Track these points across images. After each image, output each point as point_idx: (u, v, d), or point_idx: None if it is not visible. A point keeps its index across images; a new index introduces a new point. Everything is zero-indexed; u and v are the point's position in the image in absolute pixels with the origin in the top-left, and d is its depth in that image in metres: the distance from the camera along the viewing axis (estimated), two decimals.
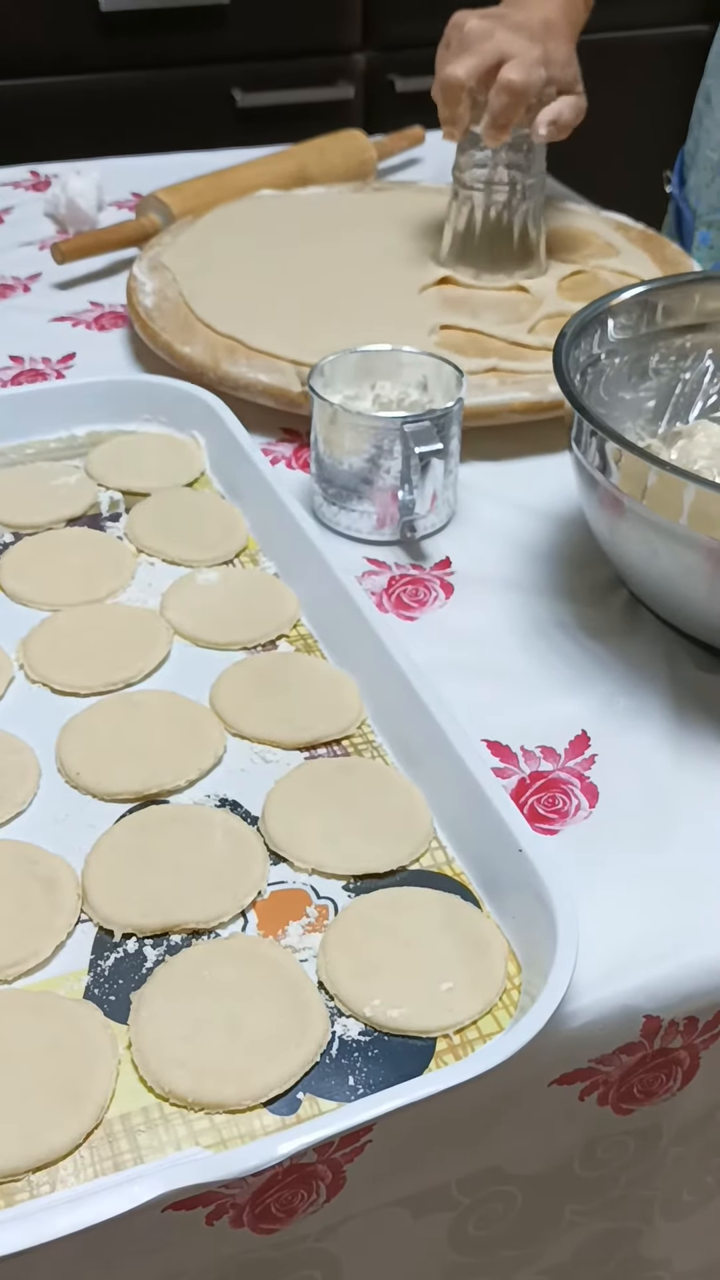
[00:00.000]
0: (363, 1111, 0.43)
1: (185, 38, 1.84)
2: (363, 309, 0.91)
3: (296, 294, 0.93)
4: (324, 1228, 0.50)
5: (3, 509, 0.75)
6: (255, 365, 0.84)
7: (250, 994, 0.48)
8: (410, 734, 0.59)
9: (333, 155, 1.18)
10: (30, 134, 1.75)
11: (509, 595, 0.71)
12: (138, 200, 1.14)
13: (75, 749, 0.59)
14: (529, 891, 0.50)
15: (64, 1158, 0.44)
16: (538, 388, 0.82)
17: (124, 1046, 0.47)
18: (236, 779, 0.59)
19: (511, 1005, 0.49)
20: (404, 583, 0.72)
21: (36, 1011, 0.48)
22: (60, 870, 0.53)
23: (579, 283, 0.98)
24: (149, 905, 0.52)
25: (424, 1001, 0.49)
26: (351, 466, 0.73)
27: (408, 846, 0.55)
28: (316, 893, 0.53)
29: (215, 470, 0.80)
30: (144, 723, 0.60)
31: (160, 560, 0.72)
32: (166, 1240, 0.46)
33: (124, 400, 0.83)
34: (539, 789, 0.59)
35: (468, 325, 0.90)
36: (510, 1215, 0.56)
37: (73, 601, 0.68)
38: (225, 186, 1.11)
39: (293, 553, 0.70)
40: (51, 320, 0.99)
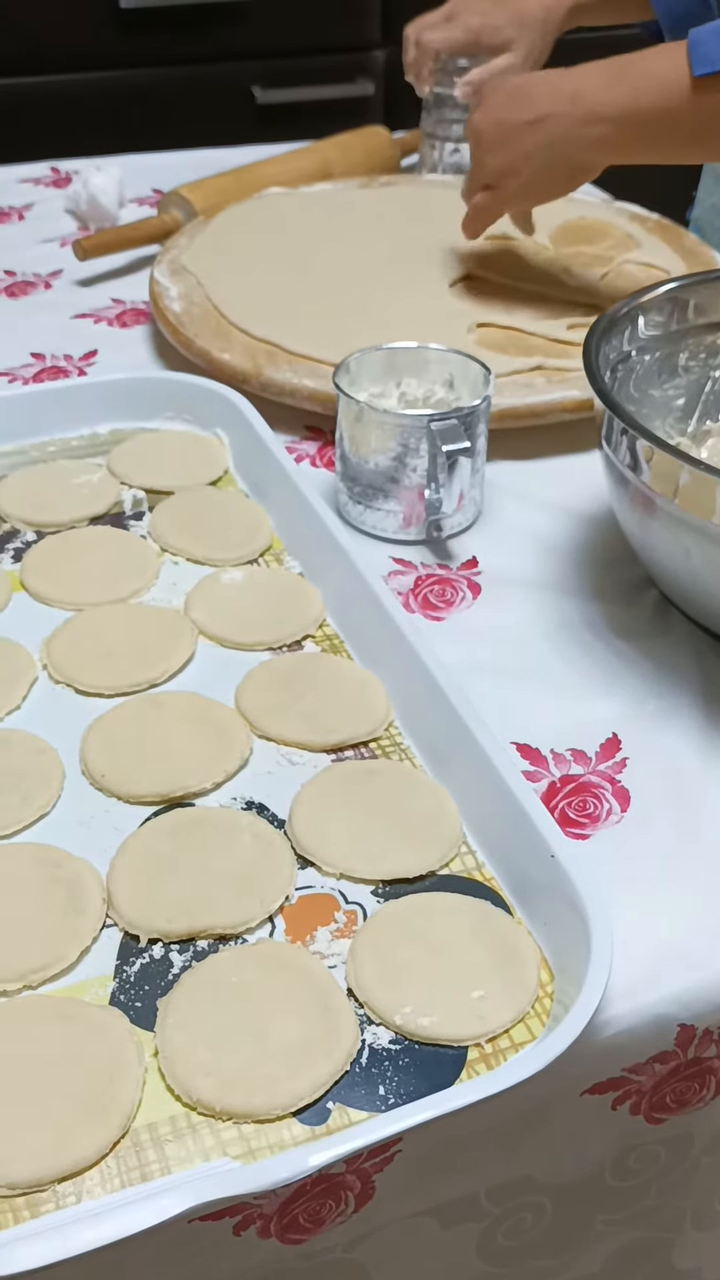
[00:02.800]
0: (395, 1123, 0.43)
1: (205, 34, 1.84)
2: (396, 308, 0.91)
3: (325, 294, 0.92)
4: (352, 1238, 0.50)
5: (25, 507, 0.74)
6: (299, 370, 0.83)
7: (278, 1001, 0.48)
8: (438, 736, 0.58)
9: (355, 152, 1.17)
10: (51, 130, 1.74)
11: (537, 595, 0.70)
12: (159, 197, 1.14)
13: (100, 751, 0.58)
14: (561, 898, 0.49)
15: (90, 1168, 0.43)
16: (585, 386, 0.80)
17: (150, 1054, 0.47)
18: (263, 781, 0.58)
19: (544, 1014, 0.49)
20: (431, 583, 0.71)
21: (62, 1018, 0.47)
22: (85, 874, 0.52)
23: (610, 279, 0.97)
24: (175, 910, 0.51)
25: (455, 1009, 0.48)
26: (377, 465, 0.72)
27: (437, 851, 0.54)
28: (345, 897, 0.53)
29: (239, 468, 0.79)
30: (169, 724, 0.60)
31: (184, 559, 0.71)
32: (193, 1250, 0.46)
33: (146, 398, 0.82)
34: (570, 793, 0.58)
35: (504, 323, 0.89)
36: (540, 1225, 0.55)
37: (96, 601, 0.67)
38: (248, 183, 1.10)
39: (318, 552, 0.69)
40: (73, 317, 0.98)
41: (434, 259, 0.98)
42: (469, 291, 0.94)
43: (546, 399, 0.81)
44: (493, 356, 0.84)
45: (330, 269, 0.96)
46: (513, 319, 0.90)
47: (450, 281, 0.95)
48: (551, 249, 1.01)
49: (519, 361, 0.84)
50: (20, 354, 0.92)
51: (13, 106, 1.80)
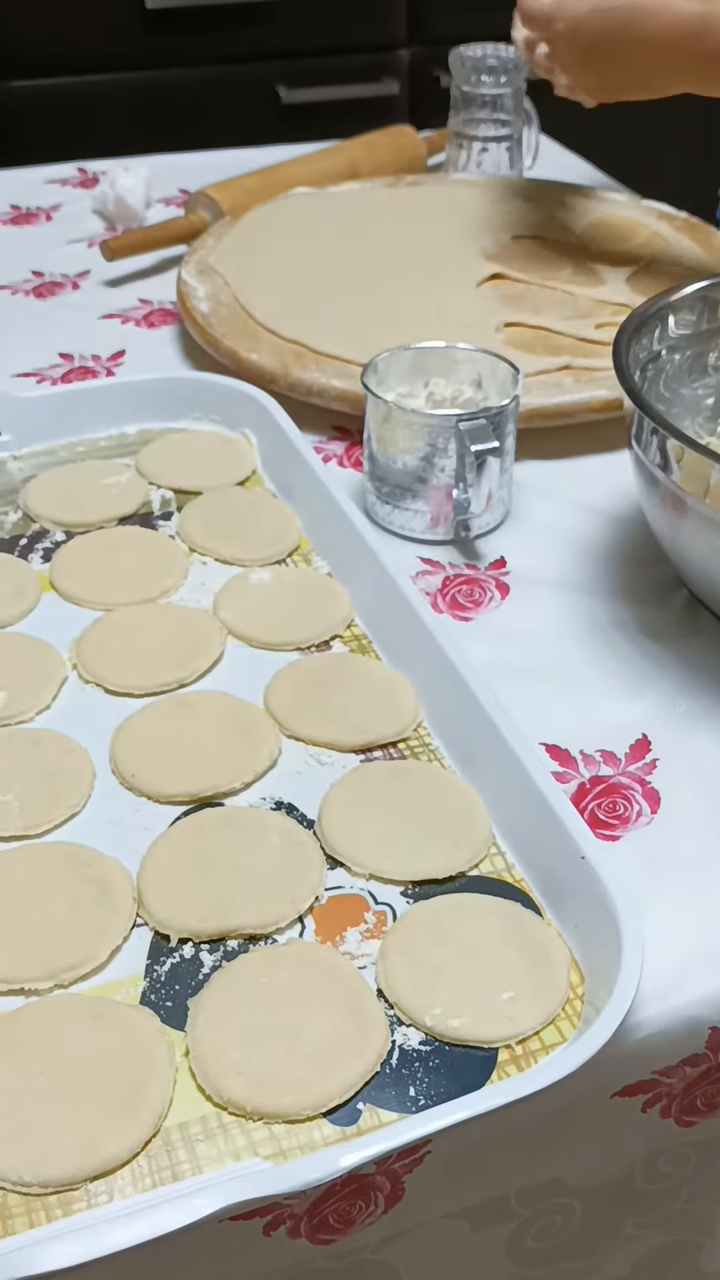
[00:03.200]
0: (426, 1124, 0.42)
1: (230, 34, 1.84)
2: (424, 308, 0.91)
3: (352, 294, 0.92)
4: (382, 1239, 0.50)
5: (54, 507, 0.74)
6: (326, 370, 0.83)
7: (309, 1001, 0.48)
8: (467, 737, 0.58)
9: (383, 152, 1.17)
10: (78, 131, 1.75)
11: (566, 596, 0.70)
12: (186, 197, 1.14)
13: (130, 750, 0.58)
14: (592, 900, 0.49)
15: (122, 1167, 0.43)
16: (614, 385, 0.80)
17: (181, 1054, 0.47)
18: (292, 781, 0.58)
19: (574, 1016, 0.48)
20: (459, 583, 0.71)
21: (93, 1017, 0.47)
22: (115, 873, 0.52)
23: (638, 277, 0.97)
24: (205, 910, 0.51)
25: (485, 1011, 0.48)
26: (405, 465, 0.72)
27: (467, 852, 0.54)
28: (374, 898, 0.53)
29: (267, 468, 0.79)
30: (198, 724, 0.60)
31: (213, 560, 0.71)
32: (223, 1250, 0.46)
33: (174, 398, 0.82)
34: (599, 794, 0.58)
35: (533, 323, 0.89)
36: (570, 1228, 0.55)
37: (125, 601, 0.68)
38: (275, 183, 1.10)
39: (346, 552, 0.69)
40: (101, 317, 0.99)
41: (461, 259, 0.98)
42: (496, 291, 0.94)
43: (575, 398, 0.80)
44: (521, 356, 0.84)
45: (358, 269, 0.96)
46: (540, 318, 0.90)
47: (478, 281, 0.95)
48: (580, 248, 1.01)
49: (547, 361, 0.84)
50: (48, 354, 0.93)
51: (40, 107, 1.81)
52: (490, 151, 1.14)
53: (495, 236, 1.02)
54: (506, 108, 1.12)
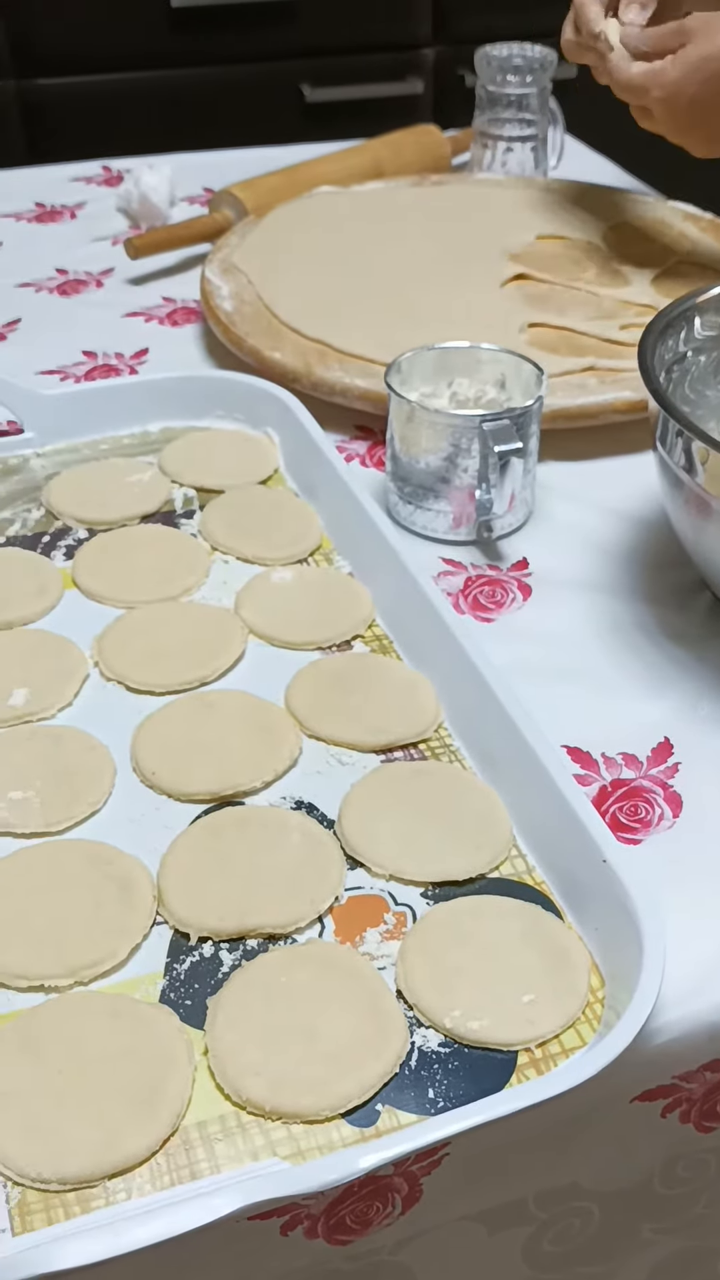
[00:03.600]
0: (445, 1126, 0.42)
1: (255, 33, 1.84)
2: (447, 307, 0.90)
3: (375, 293, 0.92)
4: (399, 1240, 0.49)
5: (77, 505, 0.74)
6: (350, 370, 0.83)
7: (328, 1002, 0.48)
8: (489, 738, 0.58)
9: (408, 151, 1.17)
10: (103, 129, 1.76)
11: (588, 597, 0.70)
12: (210, 195, 1.14)
13: (151, 748, 0.58)
14: (613, 903, 0.49)
15: (140, 1165, 0.43)
16: (639, 386, 0.80)
17: (200, 1052, 0.47)
18: (312, 781, 0.58)
19: (594, 1019, 0.48)
20: (481, 583, 0.71)
21: (112, 1015, 0.47)
22: (135, 871, 0.52)
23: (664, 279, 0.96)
24: (225, 908, 0.51)
25: (505, 1013, 0.47)
26: (428, 465, 0.72)
27: (487, 854, 0.54)
28: (394, 899, 0.53)
29: (289, 468, 0.79)
30: (219, 723, 0.60)
31: (234, 558, 0.71)
32: (240, 1250, 0.46)
33: (197, 396, 0.82)
34: (621, 797, 0.58)
35: (557, 323, 0.89)
36: (587, 1232, 0.55)
37: (147, 599, 0.68)
38: (299, 182, 1.10)
39: (368, 552, 0.69)
40: (124, 316, 0.99)
41: (486, 259, 0.98)
42: (520, 291, 0.94)
43: (599, 400, 0.80)
44: (545, 357, 0.84)
45: (382, 268, 0.96)
46: (565, 319, 0.90)
47: (502, 281, 0.95)
48: (604, 249, 1.00)
49: (571, 362, 0.84)
50: (72, 352, 0.93)
51: (65, 106, 1.82)
52: (515, 151, 1.13)
53: (519, 236, 1.02)
54: (532, 107, 1.12)
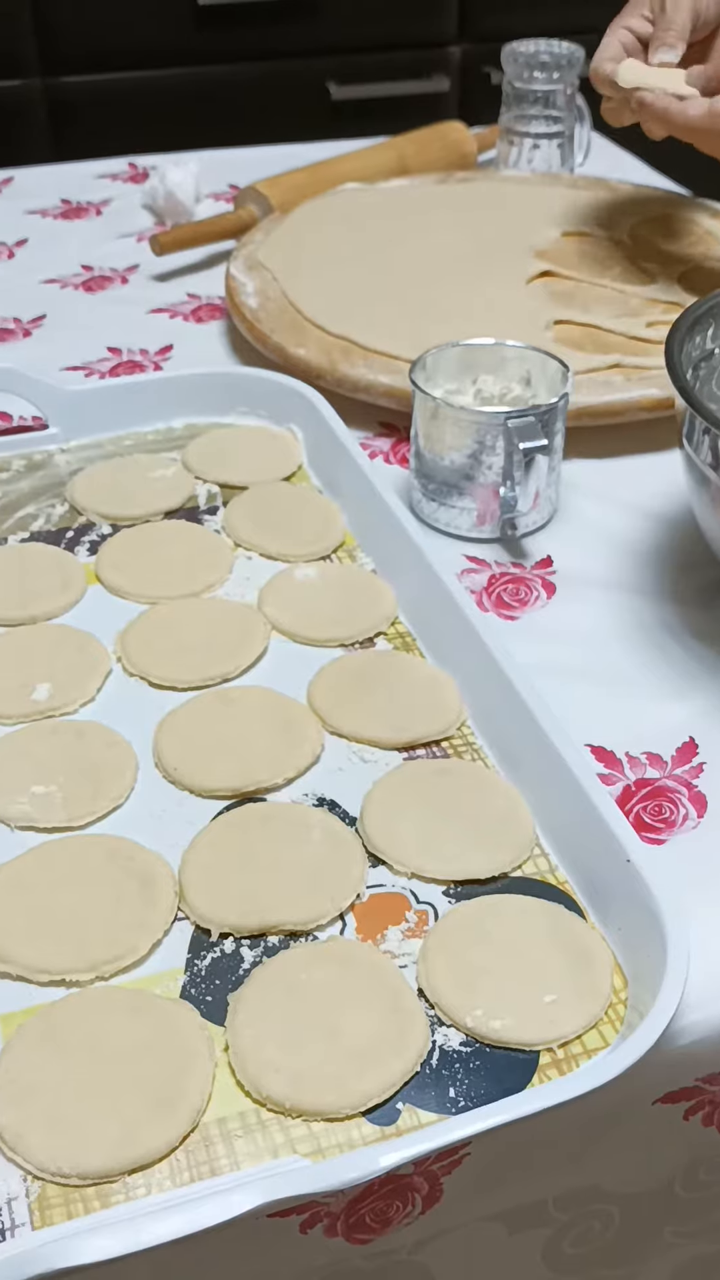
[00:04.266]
0: (466, 1126, 0.42)
1: (281, 30, 1.84)
2: (472, 305, 0.90)
3: (400, 290, 0.92)
4: (418, 1240, 0.49)
5: (101, 501, 0.74)
6: (374, 366, 0.83)
7: (349, 999, 0.47)
8: (512, 737, 0.58)
9: (433, 148, 1.16)
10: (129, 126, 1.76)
11: (613, 596, 0.69)
12: (235, 192, 1.14)
13: (173, 744, 0.58)
14: (637, 904, 0.49)
15: (160, 1160, 0.43)
16: (665, 384, 0.80)
17: (221, 1049, 0.47)
18: (334, 778, 0.58)
19: (617, 1020, 0.48)
20: (504, 581, 0.70)
21: (133, 1010, 0.47)
22: (157, 866, 0.52)
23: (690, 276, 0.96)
24: (246, 905, 0.51)
25: (527, 1013, 0.47)
26: (452, 462, 0.71)
27: (510, 852, 0.54)
28: (416, 897, 0.52)
29: (312, 464, 0.79)
30: (242, 719, 0.60)
31: (258, 555, 0.71)
32: (259, 1247, 0.46)
33: (221, 393, 0.82)
34: (645, 797, 0.57)
35: (582, 320, 0.89)
36: (608, 1234, 0.55)
37: (170, 595, 0.68)
38: (324, 179, 1.10)
39: (391, 549, 0.69)
40: (149, 312, 0.99)
41: (511, 256, 0.97)
42: (546, 288, 0.94)
43: (625, 397, 0.80)
44: (570, 354, 0.83)
45: (406, 265, 0.96)
46: (590, 316, 0.89)
47: (527, 278, 0.94)
48: (631, 246, 1.00)
49: (596, 359, 0.83)
50: (97, 348, 0.93)
51: (91, 103, 1.82)
52: (541, 148, 1.13)
53: (545, 233, 1.01)
54: (558, 104, 1.11)
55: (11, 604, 0.66)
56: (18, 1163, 0.43)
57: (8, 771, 0.57)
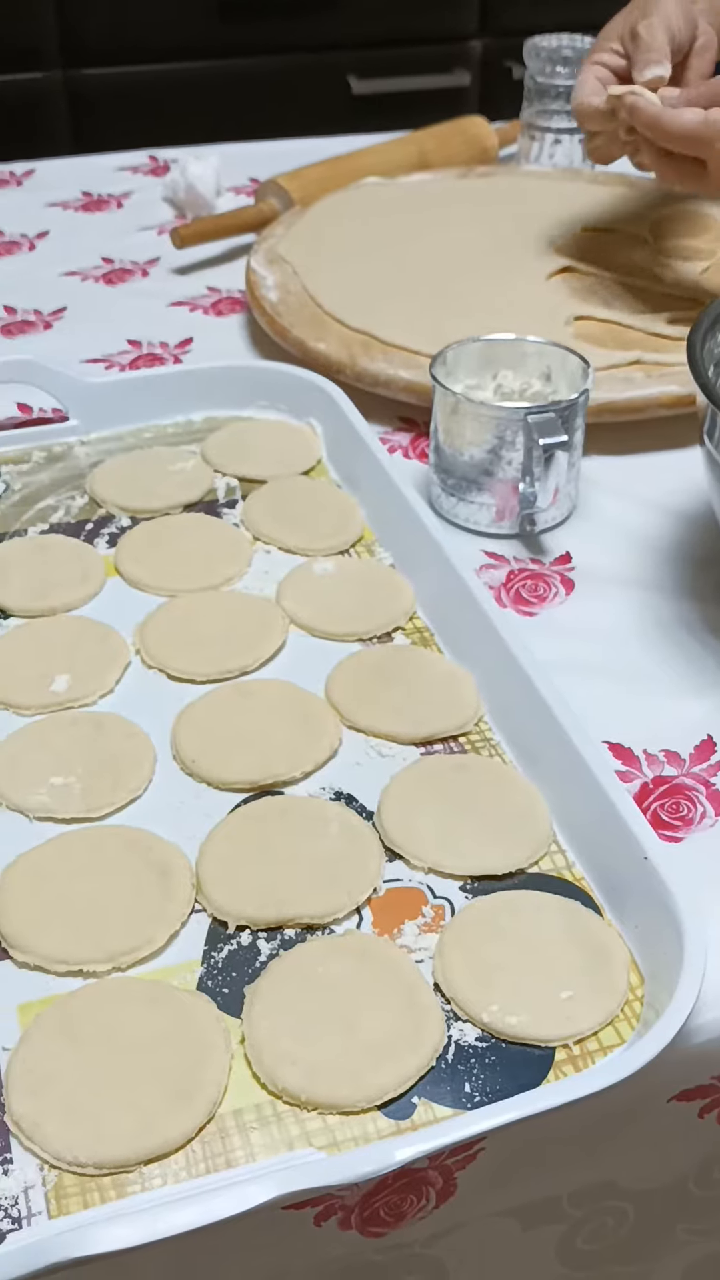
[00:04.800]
0: (481, 1121, 0.42)
1: (302, 24, 1.84)
2: (493, 300, 0.90)
3: (421, 285, 0.92)
4: (432, 1234, 0.49)
5: (120, 493, 0.75)
6: (394, 361, 0.83)
7: (365, 993, 0.47)
8: (530, 733, 0.58)
9: (454, 142, 1.16)
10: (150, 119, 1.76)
11: (632, 593, 0.69)
12: (256, 186, 1.14)
13: (191, 736, 0.58)
14: (654, 901, 0.49)
15: (176, 1151, 0.43)
16: (685, 381, 0.79)
17: (237, 1041, 0.47)
18: (351, 772, 0.58)
19: (633, 1017, 0.48)
20: (523, 577, 0.70)
21: (150, 1001, 0.47)
22: (175, 858, 0.53)
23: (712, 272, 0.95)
24: (263, 897, 0.51)
25: (543, 1009, 0.47)
26: (472, 457, 0.71)
27: (527, 848, 0.54)
28: (433, 892, 0.52)
29: (332, 458, 0.79)
30: (260, 712, 0.60)
31: (276, 548, 0.71)
32: (274, 1238, 0.46)
33: (241, 386, 0.82)
34: (662, 794, 0.57)
35: (603, 316, 0.88)
36: (621, 1231, 0.55)
37: (189, 588, 0.68)
38: (345, 173, 1.10)
39: (410, 544, 0.69)
40: (169, 305, 0.99)
41: (531, 251, 0.97)
42: (566, 284, 0.93)
43: (645, 394, 0.79)
44: (590, 350, 0.83)
45: (427, 260, 0.96)
46: (611, 312, 0.89)
47: (548, 274, 0.94)
48: (651, 242, 1.00)
49: (617, 355, 0.83)
50: (117, 341, 0.93)
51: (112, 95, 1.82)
52: (563, 143, 1.13)
53: (566, 229, 1.01)
54: None
55: (31, 595, 0.67)
56: (35, 1152, 0.43)
57: (27, 762, 0.57)
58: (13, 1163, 0.43)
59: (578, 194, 1.07)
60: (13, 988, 0.48)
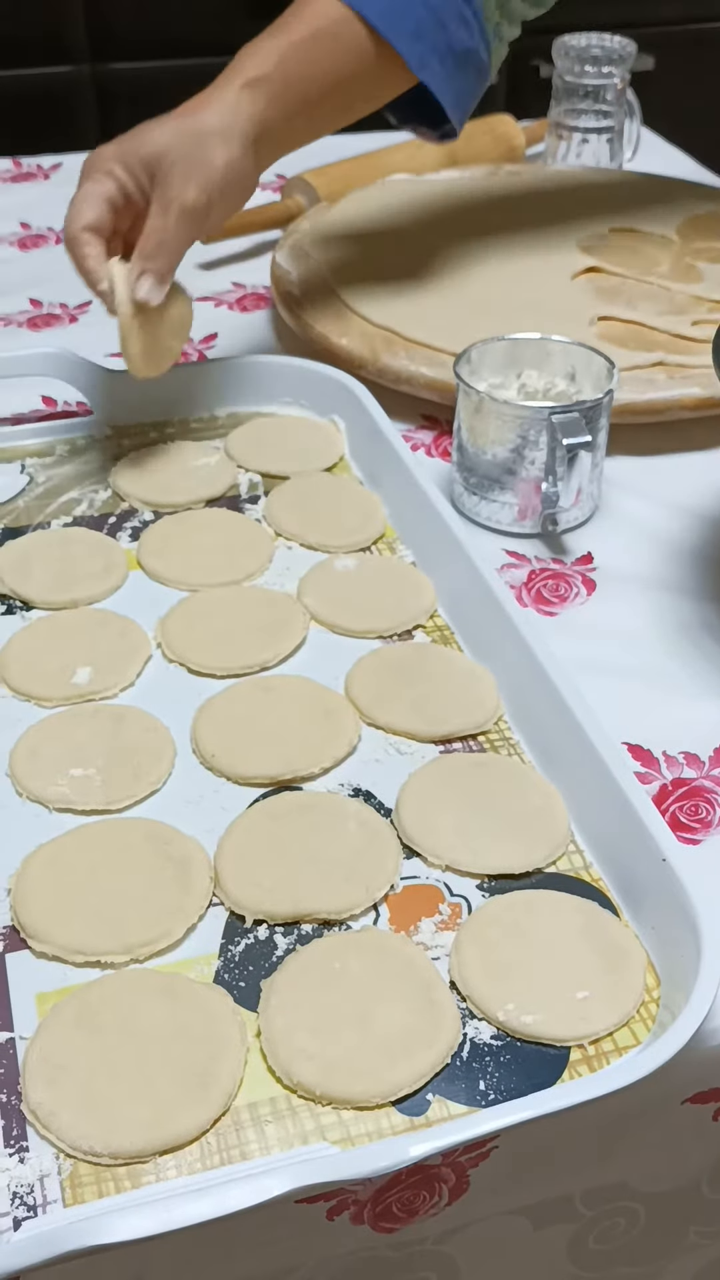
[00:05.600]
0: (495, 1119, 0.42)
1: None
2: (517, 298, 0.90)
3: (445, 282, 0.92)
4: (444, 1231, 0.49)
5: (144, 487, 0.75)
6: (415, 358, 0.83)
7: (381, 989, 0.48)
8: (549, 732, 0.58)
9: (481, 141, 1.16)
10: None
11: (653, 594, 0.69)
12: (282, 181, 1.14)
13: (211, 731, 0.58)
14: (671, 903, 0.48)
15: (191, 1143, 0.44)
16: (709, 383, 0.79)
17: (253, 1034, 0.47)
18: (370, 769, 0.58)
19: (649, 1019, 0.48)
20: (544, 577, 0.70)
21: (167, 993, 0.47)
22: (193, 852, 0.53)
23: None
24: (281, 892, 0.51)
25: (559, 1009, 0.47)
26: (495, 456, 0.71)
27: (544, 848, 0.54)
28: (450, 890, 0.52)
29: (354, 455, 0.79)
30: (279, 708, 0.60)
31: (298, 545, 0.72)
32: (286, 1232, 0.46)
33: (265, 382, 0.83)
34: (681, 796, 0.57)
35: (627, 317, 0.88)
36: (633, 1232, 0.55)
37: (211, 583, 0.68)
38: (371, 169, 1.10)
39: (431, 542, 0.69)
40: (194, 300, 0.99)
41: (557, 250, 0.97)
42: (591, 284, 0.93)
43: (668, 395, 0.79)
44: (613, 350, 0.83)
45: (451, 257, 0.96)
46: (635, 313, 0.89)
47: (573, 273, 0.94)
48: (677, 243, 0.99)
49: (640, 356, 0.83)
50: None
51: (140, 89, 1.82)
52: (590, 143, 1.12)
53: (592, 229, 1.01)
54: (609, 98, 1.11)
55: (54, 588, 0.67)
56: (50, 1140, 0.43)
57: (47, 754, 0.57)
58: (29, 1151, 0.43)
59: (605, 194, 1.07)
60: (31, 977, 0.49)
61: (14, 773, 0.57)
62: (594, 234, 1.00)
